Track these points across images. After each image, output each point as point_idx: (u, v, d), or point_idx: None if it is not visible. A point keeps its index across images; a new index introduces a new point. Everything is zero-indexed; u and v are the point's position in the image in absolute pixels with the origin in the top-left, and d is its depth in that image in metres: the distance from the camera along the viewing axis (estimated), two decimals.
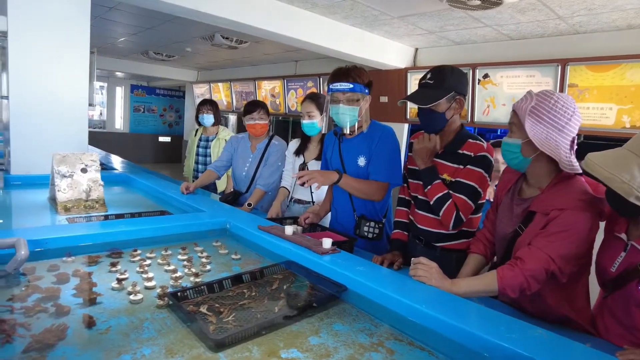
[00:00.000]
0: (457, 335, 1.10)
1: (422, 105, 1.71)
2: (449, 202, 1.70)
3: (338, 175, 1.98)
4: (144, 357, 0.96)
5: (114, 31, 5.95)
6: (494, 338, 1.04)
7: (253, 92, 7.73)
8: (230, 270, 1.52)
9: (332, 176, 1.98)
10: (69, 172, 2.18)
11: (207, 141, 3.77)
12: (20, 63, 2.69)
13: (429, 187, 1.73)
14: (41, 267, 1.39)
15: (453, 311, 1.18)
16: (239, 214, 2.13)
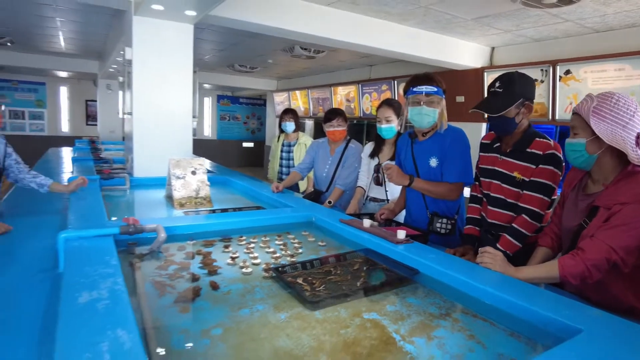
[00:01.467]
0: (516, 310, 1.25)
1: (492, 114, 1.81)
2: (524, 224, 1.81)
3: (409, 180, 2.18)
4: (259, 311, 1.26)
5: (204, 48, 6.62)
6: (550, 313, 1.18)
7: (329, 98, 8.08)
8: (318, 254, 1.80)
9: (404, 180, 2.19)
10: (182, 174, 2.63)
11: (289, 146, 4.15)
12: (140, 85, 3.25)
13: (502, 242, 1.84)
14: (173, 248, 1.78)
15: (514, 291, 1.33)
16: (322, 210, 2.42)
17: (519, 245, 1.81)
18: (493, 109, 1.80)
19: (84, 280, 1.21)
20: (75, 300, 1.08)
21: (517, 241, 1.80)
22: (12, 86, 10.34)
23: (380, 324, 1.21)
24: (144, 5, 2.89)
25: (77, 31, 5.75)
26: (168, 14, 3.10)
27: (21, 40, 6.52)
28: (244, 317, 1.23)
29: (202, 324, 1.17)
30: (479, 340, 1.16)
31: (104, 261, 1.38)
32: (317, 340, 1.11)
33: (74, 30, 5.68)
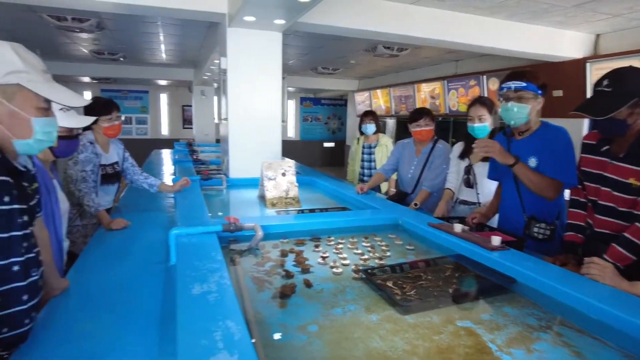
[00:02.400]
0: (632, 329, 1.15)
1: (597, 117, 1.63)
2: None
3: (515, 159, 1.99)
4: (350, 311, 1.30)
5: (289, 53, 6.87)
6: None
7: (412, 96, 7.91)
8: (407, 258, 1.79)
9: (507, 158, 2.00)
10: (274, 175, 2.78)
11: (370, 148, 4.16)
12: (234, 92, 3.49)
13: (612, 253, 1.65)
14: (268, 245, 1.90)
15: (628, 307, 1.21)
16: (409, 212, 2.40)
17: (632, 257, 1.63)
18: (598, 111, 1.61)
19: (195, 273, 1.35)
20: (190, 292, 1.21)
21: (630, 253, 1.63)
22: (122, 95, 11.65)
23: (475, 332, 1.19)
24: (237, 17, 3.09)
25: (175, 43, 6.31)
26: (259, 24, 3.29)
27: (131, 54, 7.33)
28: (337, 316, 1.28)
29: (299, 320, 1.24)
30: (585, 357, 1.08)
31: (210, 256, 1.52)
32: (410, 344, 1.12)
33: (173, 42, 6.25)
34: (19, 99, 1.04)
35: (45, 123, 1.10)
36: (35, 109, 1.07)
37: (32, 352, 1.12)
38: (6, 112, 1.03)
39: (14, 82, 1.02)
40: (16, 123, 1.05)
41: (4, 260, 1.03)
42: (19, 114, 1.05)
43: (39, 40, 6.01)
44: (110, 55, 7.24)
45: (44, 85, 1.07)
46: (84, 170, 2.39)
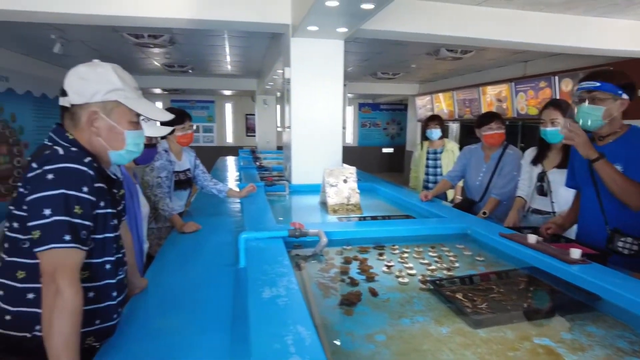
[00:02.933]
0: None
1: None
2: None
3: (599, 154, 1.79)
4: (419, 322, 1.27)
5: (348, 60, 6.86)
6: None
7: (477, 99, 7.62)
8: (477, 269, 1.72)
9: (592, 152, 1.79)
10: (335, 182, 2.79)
11: (435, 153, 4.05)
12: (297, 100, 3.57)
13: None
14: (332, 252, 1.91)
15: None
16: (478, 221, 2.30)
17: None
18: None
19: (264, 277, 1.39)
20: (260, 295, 1.25)
21: None
22: (190, 105, 12.32)
23: (555, 351, 1.11)
24: (300, 27, 3.16)
25: (240, 54, 6.59)
26: (321, 33, 3.34)
27: (198, 66, 7.76)
28: (405, 326, 1.25)
29: (366, 329, 1.24)
30: None
31: (277, 261, 1.56)
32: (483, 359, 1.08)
33: (237, 54, 6.52)
34: (116, 114, 1.15)
35: (136, 135, 1.20)
36: (129, 123, 1.18)
37: (118, 345, 1.21)
38: (105, 126, 1.14)
39: (113, 99, 1.13)
40: (112, 136, 1.15)
41: (99, 258, 1.13)
42: (115, 128, 1.15)
43: (119, 56, 6.55)
44: (180, 68, 7.71)
45: (136, 101, 1.18)
46: (159, 176, 2.56)
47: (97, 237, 1.11)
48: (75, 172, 1.04)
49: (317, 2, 2.51)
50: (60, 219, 0.99)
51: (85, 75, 1.13)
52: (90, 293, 1.12)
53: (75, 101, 1.12)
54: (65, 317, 0.96)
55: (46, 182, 1.01)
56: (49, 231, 0.98)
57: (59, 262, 0.98)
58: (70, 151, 1.08)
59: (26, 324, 1.07)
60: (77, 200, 1.02)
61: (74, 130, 1.14)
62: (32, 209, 1.00)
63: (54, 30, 4.82)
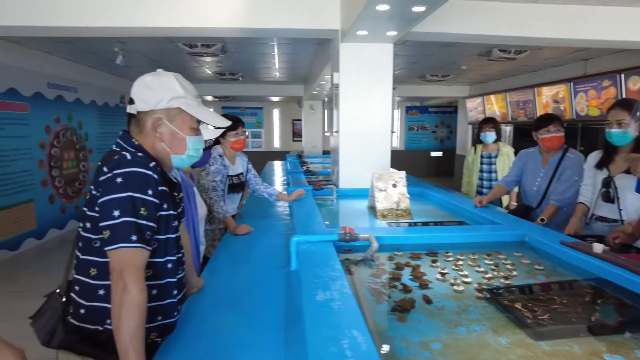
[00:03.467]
0: None
1: None
2: None
3: None
4: (476, 332, 1.23)
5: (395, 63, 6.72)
6: None
7: (532, 100, 7.27)
8: (536, 278, 1.64)
9: None
10: (384, 187, 2.77)
11: (489, 157, 3.89)
12: (346, 105, 3.58)
13: None
14: (383, 257, 1.90)
15: None
16: (536, 228, 2.20)
17: None
18: None
19: (317, 280, 1.41)
20: (314, 298, 1.27)
21: None
22: (240, 112, 12.69)
23: None
24: (350, 33, 3.18)
25: (287, 61, 6.71)
26: (371, 37, 3.33)
27: (248, 74, 7.98)
28: (461, 335, 1.22)
29: (421, 336, 1.22)
30: None
31: (329, 264, 1.57)
32: None
33: (285, 60, 6.65)
34: (178, 120, 1.21)
35: (196, 141, 1.26)
36: (190, 129, 1.24)
37: (178, 341, 1.27)
38: (168, 132, 1.21)
39: (176, 106, 1.20)
40: (175, 141, 1.22)
41: (162, 258, 1.19)
42: (177, 134, 1.22)
43: (175, 66, 6.88)
44: (230, 76, 7.98)
45: (197, 108, 1.24)
46: (214, 180, 2.65)
47: (160, 238, 1.17)
48: (141, 176, 1.10)
49: (367, 6, 2.51)
50: (128, 220, 1.06)
51: (150, 84, 1.20)
52: (153, 291, 1.18)
53: (141, 108, 1.20)
54: (132, 312, 1.02)
55: (115, 185, 1.08)
56: (117, 231, 1.05)
57: (126, 260, 1.05)
58: (137, 156, 1.15)
59: (98, 317, 1.15)
60: (143, 203, 1.09)
61: (139, 136, 1.22)
62: (103, 210, 1.08)
63: (116, 44, 5.15)
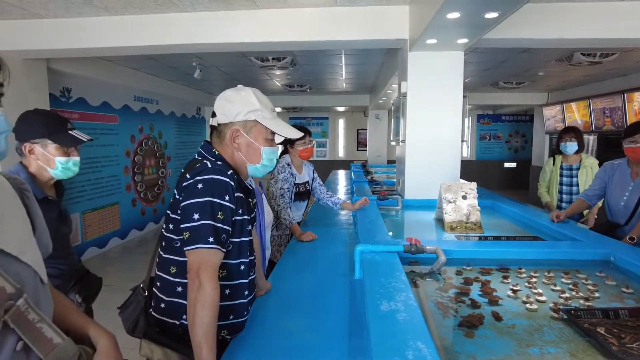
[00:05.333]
0: None
1: None
2: None
3: None
4: (550, 354, 1.16)
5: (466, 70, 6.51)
6: None
7: (620, 107, 6.65)
8: (622, 302, 1.51)
9: None
10: (453, 198, 2.69)
11: (570, 170, 3.62)
12: (413, 114, 3.53)
13: None
14: (450, 271, 1.84)
15: None
16: (623, 247, 2.01)
17: None
18: None
19: (382, 290, 1.41)
20: (378, 308, 1.27)
21: None
22: (307, 122, 12.97)
23: None
24: (419, 41, 3.14)
25: (353, 72, 6.76)
26: (440, 46, 3.27)
27: (316, 85, 8.16)
28: (533, 356, 1.15)
29: (490, 353, 1.17)
30: None
31: (394, 275, 1.56)
32: None
33: (352, 71, 6.70)
34: (254, 132, 1.30)
35: (271, 151, 1.34)
36: (265, 140, 1.31)
37: (247, 339, 1.33)
38: (245, 142, 1.29)
39: (252, 118, 1.28)
40: (251, 151, 1.30)
41: (235, 260, 1.27)
42: (253, 144, 1.30)
43: (246, 79, 7.24)
44: (299, 87, 8.20)
45: (272, 121, 1.31)
46: (282, 188, 2.75)
47: (234, 241, 1.25)
48: (220, 183, 1.19)
49: (437, 15, 2.48)
50: (207, 222, 1.14)
51: (230, 98, 1.30)
52: (226, 290, 1.26)
53: (222, 120, 1.29)
54: (206, 309, 1.09)
55: (196, 191, 1.17)
56: (196, 233, 1.14)
57: (203, 260, 1.13)
58: (217, 164, 1.24)
59: (176, 312, 1.24)
60: (220, 207, 1.17)
61: (219, 146, 1.31)
62: (184, 213, 1.18)
63: (194, 59, 5.53)
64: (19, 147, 1.62)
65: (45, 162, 1.62)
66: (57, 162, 1.62)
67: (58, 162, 1.62)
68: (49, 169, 1.63)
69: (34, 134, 1.61)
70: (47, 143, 1.62)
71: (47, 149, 1.61)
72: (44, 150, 1.61)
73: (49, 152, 1.62)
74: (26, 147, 1.61)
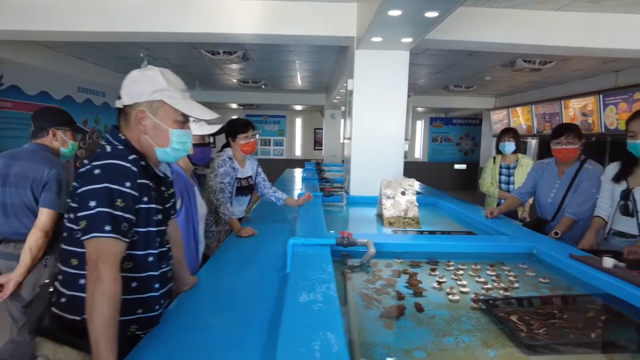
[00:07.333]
0: None
1: None
2: None
3: None
4: (464, 343, 1.17)
5: (419, 73, 6.75)
6: None
7: (558, 113, 7.06)
8: (539, 292, 1.56)
9: None
10: (393, 194, 2.72)
11: (508, 168, 3.80)
12: (359, 112, 3.55)
13: None
14: (381, 264, 1.85)
15: None
16: (546, 241, 2.10)
17: None
18: None
19: (305, 282, 1.38)
20: (297, 299, 1.24)
21: None
22: (264, 120, 12.85)
23: None
24: (364, 39, 3.16)
25: (309, 70, 6.75)
26: (386, 44, 3.31)
27: (271, 82, 8.08)
28: (448, 345, 1.16)
29: (405, 344, 1.17)
30: None
31: (321, 267, 1.54)
32: None
33: (307, 69, 6.69)
34: (161, 113, 1.22)
35: (181, 134, 1.26)
36: (174, 122, 1.24)
37: (161, 335, 1.25)
38: (151, 124, 1.22)
39: (158, 98, 1.21)
40: (158, 133, 1.22)
41: (142, 251, 1.19)
42: (160, 126, 1.22)
43: (199, 73, 7.05)
44: (253, 84, 8.09)
45: (181, 101, 1.24)
46: (222, 182, 2.67)
47: (140, 231, 1.17)
48: (119, 168, 1.11)
49: (379, 12, 2.49)
50: (103, 210, 1.06)
51: (135, 77, 1.22)
52: (133, 283, 1.18)
53: (127, 102, 1.22)
54: (105, 301, 1.02)
55: (93, 177, 1.09)
56: (92, 221, 1.06)
57: (101, 250, 1.05)
58: (117, 149, 1.17)
59: (77, 307, 1.15)
60: (120, 194, 1.09)
61: (126, 130, 1.23)
62: (81, 201, 1.09)
63: (142, 49, 5.31)
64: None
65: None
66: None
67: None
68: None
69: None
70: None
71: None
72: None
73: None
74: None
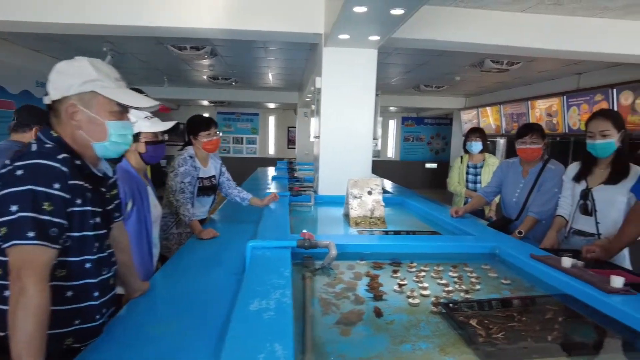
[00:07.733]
0: None
1: None
2: None
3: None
4: (421, 350, 1.13)
5: (390, 72, 6.76)
6: None
7: (525, 113, 7.23)
8: (500, 293, 1.54)
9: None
10: (359, 193, 2.68)
11: (475, 168, 3.83)
12: (327, 110, 3.50)
13: None
14: (343, 266, 1.79)
15: None
16: (509, 241, 2.10)
17: None
18: None
19: (259, 288, 1.31)
20: (247, 307, 1.17)
21: None
22: (236, 117, 12.64)
23: None
24: (332, 36, 3.11)
25: (281, 67, 6.65)
26: (353, 42, 3.26)
27: (242, 79, 7.93)
28: (404, 353, 1.12)
29: (361, 352, 1.12)
30: None
31: (279, 272, 1.47)
32: None
33: (279, 66, 6.59)
34: (95, 105, 1.12)
35: (119, 126, 1.16)
36: (109, 113, 1.14)
37: (102, 347, 1.16)
38: (85, 118, 1.11)
39: (89, 89, 1.11)
40: (93, 127, 1.12)
41: (78, 257, 1.09)
42: (95, 119, 1.12)
43: (167, 69, 6.83)
44: (224, 80, 7.92)
45: (115, 90, 1.14)
46: (182, 182, 2.56)
47: (73, 235, 1.08)
48: (45, 168, 1.01)
49: (345, 8, 2.44)
50: (25, 215, 0.96)
51: (62, 69, 1.12)
52: (68, 292, 1.08)
53: (54, 96, 1.11)
54: (29, 315, 0.92)
55: (15, 178, 0.98)
56: (13, 227, 0.96)
57: (25, 259, 0.95)
58: (43, 147, 1.06)
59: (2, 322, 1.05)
60: (47, 197, 0.99)
61: (58, 127, 1.13)
62: (1, 206, 0.98)
63: (105, 43, 5.09)
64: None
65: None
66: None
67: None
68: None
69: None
70: None
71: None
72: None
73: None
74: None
